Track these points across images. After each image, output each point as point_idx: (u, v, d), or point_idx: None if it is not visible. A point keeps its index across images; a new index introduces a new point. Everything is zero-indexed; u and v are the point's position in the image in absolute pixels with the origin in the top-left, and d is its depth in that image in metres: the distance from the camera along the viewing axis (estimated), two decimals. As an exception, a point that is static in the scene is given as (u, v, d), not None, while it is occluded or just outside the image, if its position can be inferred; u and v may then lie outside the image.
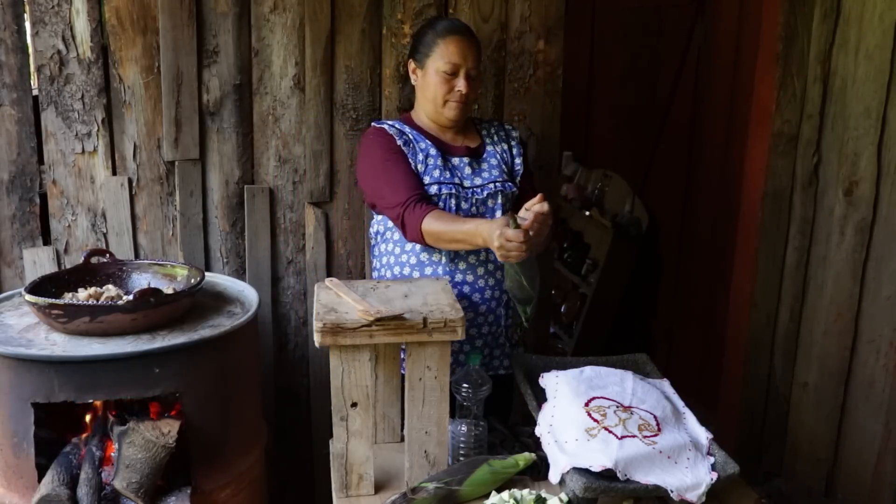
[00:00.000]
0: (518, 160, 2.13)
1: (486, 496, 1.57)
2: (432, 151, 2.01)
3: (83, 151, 2.33)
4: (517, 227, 1.68)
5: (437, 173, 1.99)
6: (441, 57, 1.97)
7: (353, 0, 2.36)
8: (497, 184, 2.04)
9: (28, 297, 1.88)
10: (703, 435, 1.65)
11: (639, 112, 4.16)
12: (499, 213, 2.03)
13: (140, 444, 1.80)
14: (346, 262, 2.53)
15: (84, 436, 1.96)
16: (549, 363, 1.92)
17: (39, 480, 1.84)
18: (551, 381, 1.78)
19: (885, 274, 2.55)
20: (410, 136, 2.03)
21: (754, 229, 2.75)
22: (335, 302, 1.67)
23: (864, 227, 2.56)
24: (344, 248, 2.52)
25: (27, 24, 2.26)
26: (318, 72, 2.37)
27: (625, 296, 4.07)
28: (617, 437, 1.56)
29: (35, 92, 2.30)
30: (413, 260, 2.02)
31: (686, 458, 1.57)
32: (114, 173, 2.36)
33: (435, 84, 1.99)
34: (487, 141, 2.12)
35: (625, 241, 3.96)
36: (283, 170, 2.44)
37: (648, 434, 1.59)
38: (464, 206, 2.00)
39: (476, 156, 2.08)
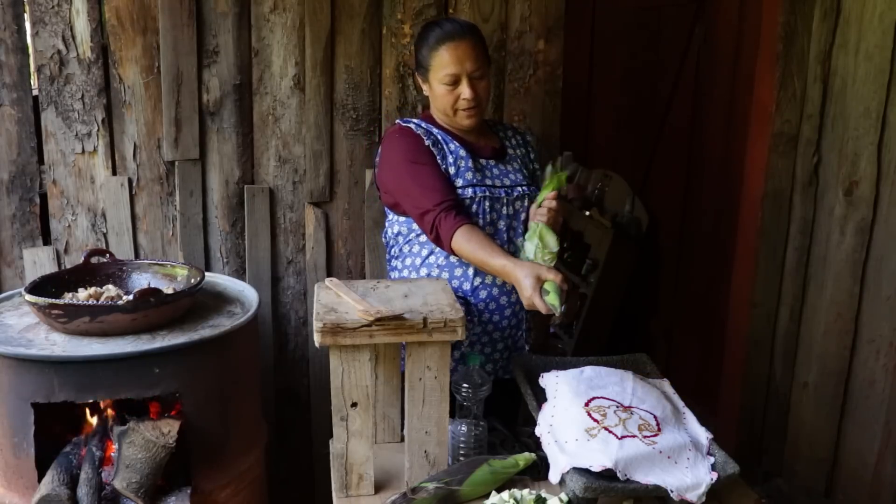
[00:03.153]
0: (536, 164, 2.12)
1: (486, 496, 1.57)
2: (462, 153, 1.98)
3: (83, 151, 2.33)
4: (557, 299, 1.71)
5: (469, 175, 1.96)
6: (438, 69, 1.93)
7: (353, 0, 2.36)
8: (523, 187, 2.03)
9: (28, 297, 1.88)
10: (703, 435, 1.65)
11: (639, 112, 4.16)
12: (523, 216, 2.01)
13: (140, 444, 1.80)
14: (346, 262, 2.53)
15: (84, 436, 1.97)
16: (549, 363, 1.92)
17: (39, 480, 1.84)
18: (551, 381, 1.78)
19: (885, 274, 2.55)
20: (438, 137, 1.99)
21: (754, 229, 2.75)
22: (335, 302, 1.67)
23: (864, 227, 2.56)
24: (344, 248, 2.52)
25: (27, 24, 2.26)
26: (318, 72, 2.37)
27: (625, 296, 4.06)
28: (617, 437, 1.56)
29: (35, 92, 2.30)
30: (441, 261, 1.99)
31: (686, 458, 1.57)
32: (114, 173, 2.36)
33: (441, 96, 1.95)
34: (507, 144, 2.10)
35: (625, 241, 3.96)
36: (283, 170, 2.44)
37: (648, 434, 1.59)
38: (497, 207, 1.98)
39: (501, 156, 2.06)
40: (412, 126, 2.00)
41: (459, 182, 1.95)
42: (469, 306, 1.99)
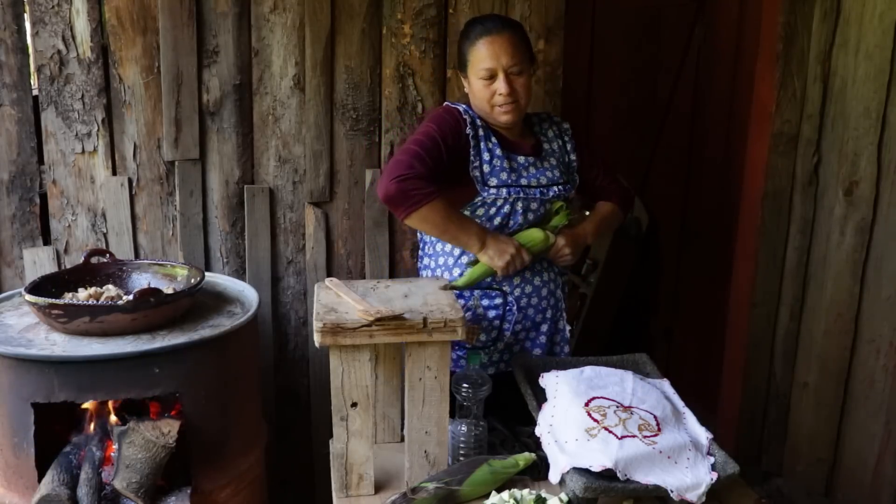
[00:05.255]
0: (573, 156, 2.12)
1: (486, 496, 1.57)
2: (498, 152, 1.97)
3: (83, 151, 2.33)
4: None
5: (504, 176, 1.96)
6: (475, 64, 1.93)
7: (353, 0, 2.36)
8: (559, 186, 2.03)
9: (28, 297, 1.88)
10: (703, 435, 1.65)
11: (639, 112, 4.16)
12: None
13: (140, 444, 1.80)
14: (346, 262, 2.53)
15: (84, 436, 1.96)
16: (549, 363, 1.92)
17: (39, 480, 1.84)
18: (551, 381, 1.78)
19: (885, 274, 2.55)
20: (481, 132, 1.97)
21: (754, 229, 2.75)
22: (335, 302, 1.67)
23: (864, 227, 2.56)
24: (344, 248, 2.52)
25: (27, 24, 2.26)
26: (318, 72, 2.37)
27: (625, 296, 4.06)
28: (617, 437, 1.56)
29: (35, 92, 2.30)
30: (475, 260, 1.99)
31: (686, 458, 1.57)
32: (114, 173, 2.36)
33: (478, 91, 1.95)
34: (542, 139, 2.09)
35: (625, 241, 3.96)
36: (283, 170, 2.44)
37: (648, 434, 1.59)
38: (533, 206, 1.99)
39: (538, 154, 2.05)
40: (461, 109, 1.99)
41: (493, 182, 1.95)
42: (506, 297, 2.00)
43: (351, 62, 2.40)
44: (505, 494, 1.53)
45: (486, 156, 1.96)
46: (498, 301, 2.00)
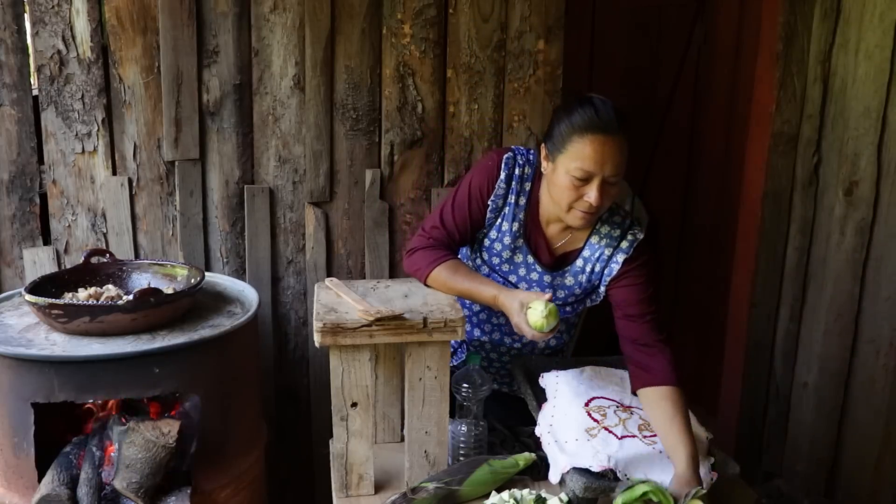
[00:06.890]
0: (614, 267, 1.80)
1: (486, 496, 1.57)
2: (507, 240, 1.83)
3: (83, 151, 2.33)
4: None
5: (496, 261, 1.85)
6: (573, 159, 1.63)
7: (352, 0, 2.36)
8: (567, 307, 1.87)
9: (28, 297, 1.88)
10: (703, 435, 1.65)
11: (639, 112, 4.15)
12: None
13: (140, 444, 1.80)
14: (346, 262, 2.53)
15: (84, 436, 1.96)
16: (549, 363, 1.92)
17: (39, 480, 1.84)
18: (551, 381, 1.78)
19: (885, 274, 2.55)
20: (519, 201, 1.79)
21: (754, 229, 2.75)
22: (335, 302, 1.67)
23: (864, 227, 2.56)
24: (344, 248, 2.52)
25: (27, 24, 2.26)
26: (318, 72, 2.37)
27: (625, 296, 4.06)
28: (617, 436, 1.56)
29: (35, 92, 2.30)
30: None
31: (686, 458, 1.57)
32: (114, 173, 2.36)
33: (562, 186, 1.66)
34: (586, 251, 1.81)
35: (625, 241, 3.95)
36: (283, 170, 2.44)
37: (648, 434, 1.59)
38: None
39: (560, 266, 1.84)
40: (515, 169, 1.79)
41: (485, 256, 1.88)
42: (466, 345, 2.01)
43: (351, 62, 2.40)
44: (505, 494, 1.53)
45: (493, 234, 1.84)
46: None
